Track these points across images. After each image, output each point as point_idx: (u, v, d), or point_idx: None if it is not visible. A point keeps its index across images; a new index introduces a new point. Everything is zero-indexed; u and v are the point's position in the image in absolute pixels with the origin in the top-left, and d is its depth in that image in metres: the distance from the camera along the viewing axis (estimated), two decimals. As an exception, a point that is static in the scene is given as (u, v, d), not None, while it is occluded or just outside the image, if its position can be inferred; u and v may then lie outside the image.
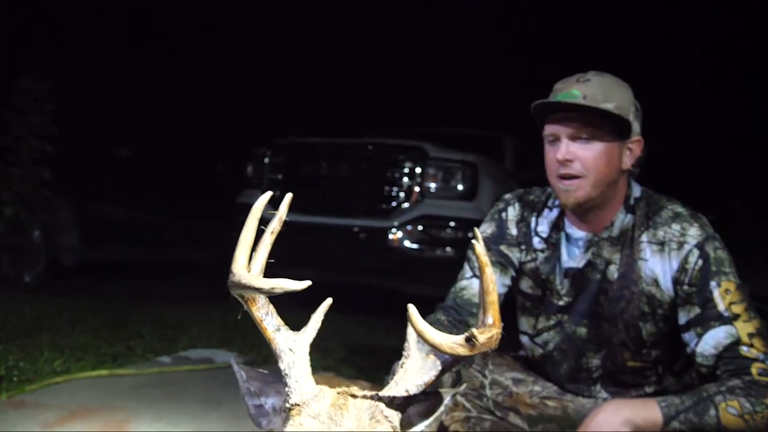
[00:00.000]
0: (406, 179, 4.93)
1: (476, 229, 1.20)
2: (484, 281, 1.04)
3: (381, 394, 1.07)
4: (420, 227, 4.83)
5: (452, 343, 1.01)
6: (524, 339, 1.88)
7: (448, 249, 4.84)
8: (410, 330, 1.16)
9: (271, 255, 1.11)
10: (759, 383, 1.46)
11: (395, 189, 4.94)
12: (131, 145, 6.25)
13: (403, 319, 1.08)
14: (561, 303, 1.78)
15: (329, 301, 1.17)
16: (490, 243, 1.82)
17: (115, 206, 5.97)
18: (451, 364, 1.10)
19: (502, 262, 1.80)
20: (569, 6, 9.80)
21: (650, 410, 1.47)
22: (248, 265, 1.08)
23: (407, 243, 4.82)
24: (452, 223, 4.86)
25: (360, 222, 4.91)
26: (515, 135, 6.17)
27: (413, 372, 1.10)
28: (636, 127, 1.69)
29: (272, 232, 1.13)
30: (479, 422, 1.72)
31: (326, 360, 3.49)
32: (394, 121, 6.93)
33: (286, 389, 1.08)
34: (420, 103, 9.48)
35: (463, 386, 1.24)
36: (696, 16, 9.52)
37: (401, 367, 1.12)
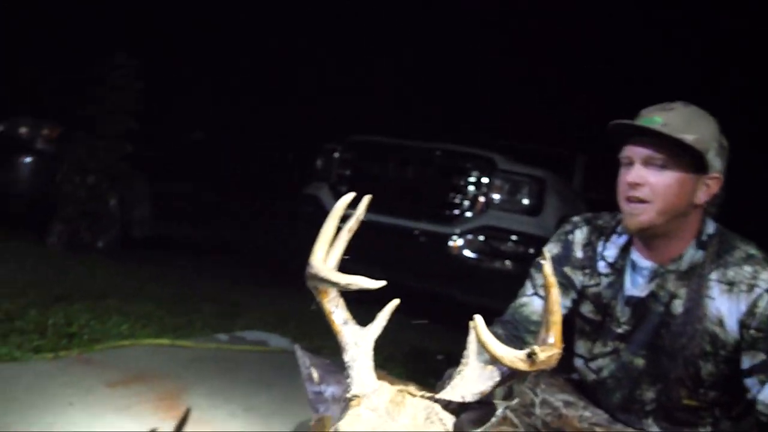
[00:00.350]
0: (472, 188, 4.93)
1: (545, 249, 1.22)
2: (550, 301, 1.06)
3: (438, 396, 1.12)
4: (481, 237, 4.83)
5: (513, 357, 1.04)
6: (579, 362, 1.88)
7: (507, 262, 4.82)
8: (471, 339, 1.20)
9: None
10: (820, 438, 1.43)
11: (460, 197, 4.95)
12: (206, 129, 6.51)
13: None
14: (620, 330, 1.78)
15: (396, 301, 1.22)
16: (555, 263, 1.82)
17: (186, 185, 6.23)
18: (508, 377, 1.13)
19: (564, 284, 1.81)
20: (569, 6, 9.59)
21: None
22: (325, 259, 1.14)
23: (467, 252, 4.83)
24: (514, 237, 4.83)
25: (422, 225, 4.94)
26: (587, 154, 6.09)
27: (470, 380, 1.14)
28: (717, 164, 1.66)
29: (349, 230, 1.19)
30: (526, 439, 1.73)
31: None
32: (464, 131, 6.94)
33: (348, 380, 1.14)
34: (491, 117, 9.43)
35: (515, 400, 1.27)
36: (696, 16, 9.17)
37: (458, 373, 1.16)
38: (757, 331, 1.57)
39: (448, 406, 1.11)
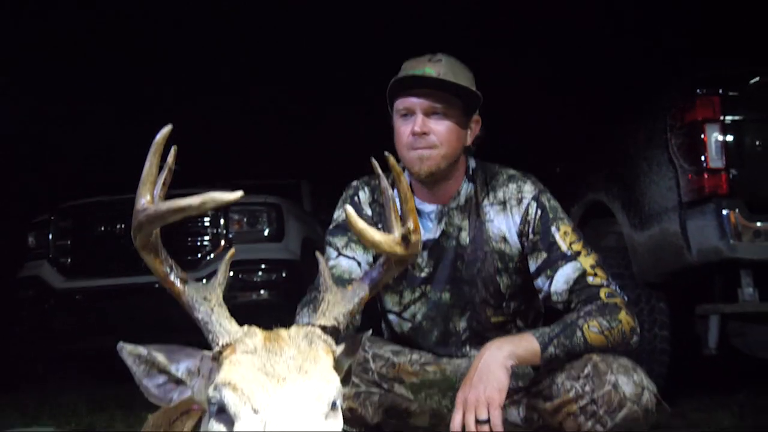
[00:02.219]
0: (210, 227, 4.77)
1: (373, 160, 1.20)
2: (401, 190, 1.06)
3: (313, 322, 1.04)
4: (230, 274, 4.67)
5: (391, 241, 1.01)
6: (391, 317, 1.90)
7: (263, 292, 4.74)
8: (323, 266, 1.15)
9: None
10: (608, 304, 1.64)
11: (199, 239, 4.76)
12: None
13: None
14: (423, 275, 1.85)
15: (233, 250, 1.13)
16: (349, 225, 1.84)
17: None
18: (374, 287, 1.10)
19: (364, 241, 1.82)
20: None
21: (528, 341, 1.57)
22: (153, 200, 0.99)
23: (219, 292, 4.63)
24: (263, 266, 4.78)
25: (164, 278, 4.60)
26: (310, 181, 6.34)
27: (336, 303, 1.09)
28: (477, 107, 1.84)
29: (170, 168, 1.07)
30: (368, 396, 1.70)
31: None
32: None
33: (210, 336, 1.01)
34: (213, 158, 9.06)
35: (370, 331, 1.23)
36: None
37: (323, 301, 1.09)
38: (534, 235, 1.76)
39: (325, 329, 1.03)
